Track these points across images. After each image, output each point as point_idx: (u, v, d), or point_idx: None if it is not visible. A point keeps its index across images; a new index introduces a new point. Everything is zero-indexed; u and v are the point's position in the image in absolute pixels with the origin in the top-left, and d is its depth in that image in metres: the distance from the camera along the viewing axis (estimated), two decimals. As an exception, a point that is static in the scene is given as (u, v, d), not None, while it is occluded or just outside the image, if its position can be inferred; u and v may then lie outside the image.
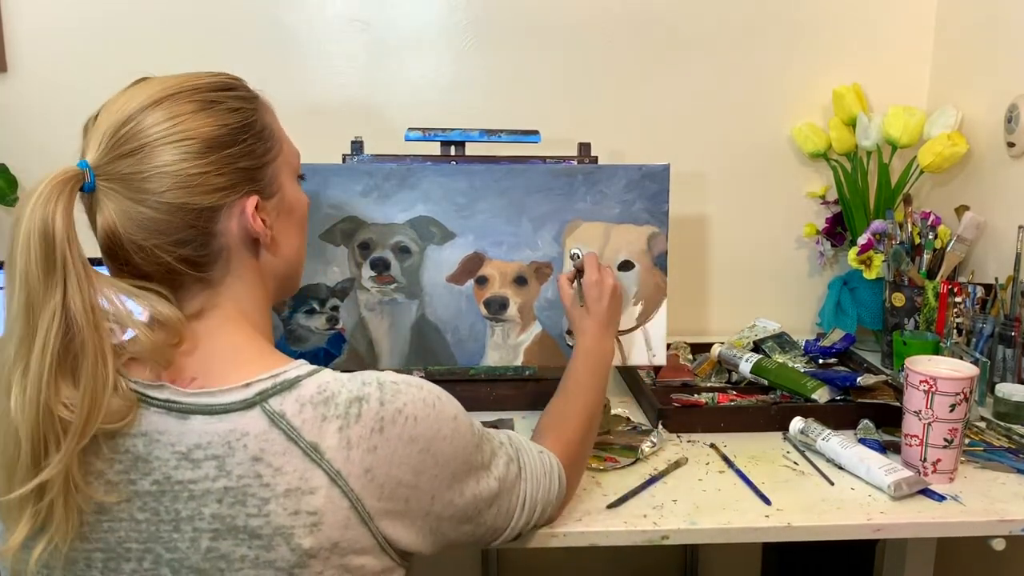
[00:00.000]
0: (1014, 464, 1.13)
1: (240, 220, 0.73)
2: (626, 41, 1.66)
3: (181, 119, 0.70)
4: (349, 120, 1.59)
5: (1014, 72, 1.48)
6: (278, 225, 0.77)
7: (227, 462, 0.66)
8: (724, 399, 1.33)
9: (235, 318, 0.74)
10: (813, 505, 1.04)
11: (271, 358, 0.73)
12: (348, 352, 1.27)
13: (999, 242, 1.50)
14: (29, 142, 1.61)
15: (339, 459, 0.66)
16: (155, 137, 0.68)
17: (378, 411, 0.68)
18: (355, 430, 0.67)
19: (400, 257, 1.26)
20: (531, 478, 0.84)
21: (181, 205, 0.68)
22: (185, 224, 0.69)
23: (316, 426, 0.67)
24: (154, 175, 0.67)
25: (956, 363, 1.10)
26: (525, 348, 1.29)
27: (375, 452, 0.68)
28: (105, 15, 1.58)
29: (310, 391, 0.68)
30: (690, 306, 1.77)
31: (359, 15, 1.62)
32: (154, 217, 0.67)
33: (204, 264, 0.71)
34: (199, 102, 0.71)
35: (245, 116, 0.74)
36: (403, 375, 0.74)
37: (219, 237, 0.72)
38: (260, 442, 0.66)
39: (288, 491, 0.65)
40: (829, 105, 1.69)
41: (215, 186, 0.70)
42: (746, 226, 1.76)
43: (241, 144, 0.72)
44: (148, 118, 0.69)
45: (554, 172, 1.27)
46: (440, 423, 0.72)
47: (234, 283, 0.74)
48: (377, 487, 0.68)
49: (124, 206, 0.67)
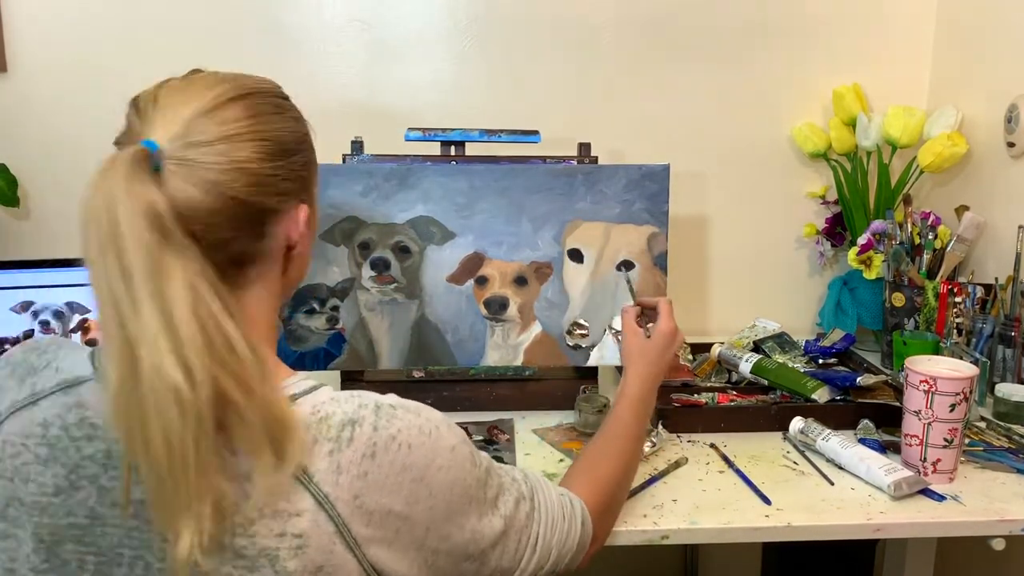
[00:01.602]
0: (1014, 464, 1.14)
1: (288, 228, 0.73)
2: (626, 41, 1.66)
3: (262, 119, 0.69)
4: (349, 120, 1.59)
5: (1014, 72, 1.48)
6: (306, 239, 0.77)
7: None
8: (724, 399, 1.33)
9: (249, 326, 0.72)
10: (813, 505, 1.04)
11: (276, 372, 0.71)
12: (348, 352, 1.27)
13: (999, 242, 1.50)
14: (29, 142, 1.61)
15: (328, 483, 0.65)
16: (235, 132, 0.67)
17: (371, 436, 0.66)
18: (346, 455, 0.65)
19: (400, 257, 1.26)
20: (546, 520, 0.80)
21: (246, 202, 0.67)
22: (246, 222, 0.68)
23: (307, 448, 0.65)
24: (229, 168, 0.66)
25: (956, 363, 1.11)
26: (525, 348, 1.29)
27: (365, 478, 0.66)
28: (105, 16, 1.58)
29: (305, 411, 0.67)
30: (690, 306, 1.77)
31: (359, 15, 1.62)
32: (218, 209, 0.66)
33: (244, 262, 0.71)
34: (275, 105, 0.72)
35: (303, 126, 0.75)
36: (406, 400, 0.71)
37: (267, 240, 0.71)
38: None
39: (275, 512, 0.64)
40: (829, 105, 1.69)
41: (280, 189, 0.70)
42: (746, 226, 1.76)
43: (301, 153, 0.73)
44: (227, 111, 0.68)
45: (554, 172, 1.27)
46: (436, 452, 0.69)
47: (259, 288, 0.73)
48: (365, 514, 0.66)
49: (188, 192, 0.64)
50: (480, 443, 1.20)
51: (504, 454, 1.16)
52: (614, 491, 0.92)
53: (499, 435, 1.22)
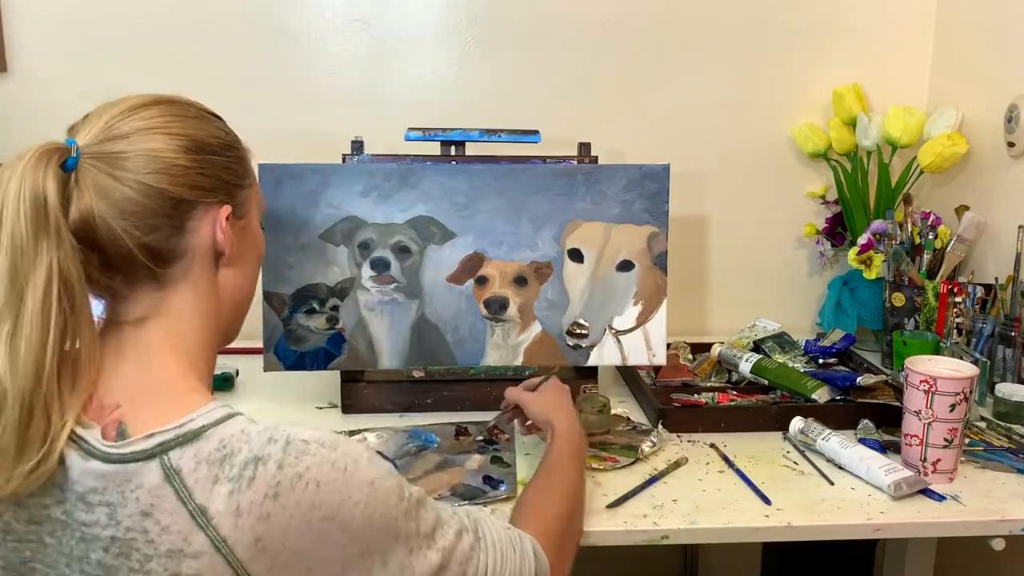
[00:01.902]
0: (1014, 464, 1.14)
1: (211, 227, 0.73)
2: (626, 41, 1.66)
3: (178, 119, 0.72)
4: (349, 120, 1.59)
5: (1014, 72, 1.48)
6: (240, 248, 0.77)
7: (118, 511, 0.64)
8: (724, 399, 1.33)
9: (174, 335, 0.72)
10: (813, 505, 1.04)
11: (191, 398, 0.69)
12: (348, 352, 1.27)
13: (999, 242, 1.50)
14: (29, 142, 1.60)
15: (226, 526, 0.62)
16: (150, 126, 0.70)
17: (275, 475, 0.63)
18: (246, 495, 0.63)
19: (400, 257, 1.26)
20: (492, 550, 0.76)
21: (160, 190, 0.69)
22: (159, 211, 0.69)
23: (207, 488, 0.63)
24: (140, 156, 0.68)
25: (956, 363, 1.11)
26: (525, 348, 1.29)
27: (267, 520, 0.63)
28: (105, 15, 1.58)
29: (211, 446, 0.65)
30: (690, 306, 1.77)
31: (359, 15, 1.62)
32: (131, 197, 0.67)
33: (165, 259, 0.71)
34: (198, 111, 0.75)
35: (232, 138, 0.77)
36: (326, 434, 0.67)
37: (187, 235, 0.72)
38: (152, 497, 0.63)
39: (170, 551, 0.63)
40: (829, 105, 1.69)
41: (196, 183, 0.71)
42: (746, 226, 1.76)
43: (226, 157, 0.74)
44: (148, 111, 0.71)
45: (554, 172, 1.27)
46: (350, 489, 0.66)
47: (186, 291, 0.73)
48: (268, 557, 0.63)
49: (103, 182, 0.67)
50: (480, 443, 1.20)
51: (504, 454, 1.16)
52: (563, 524, 0.89)
53: (499, 435, 1.22)
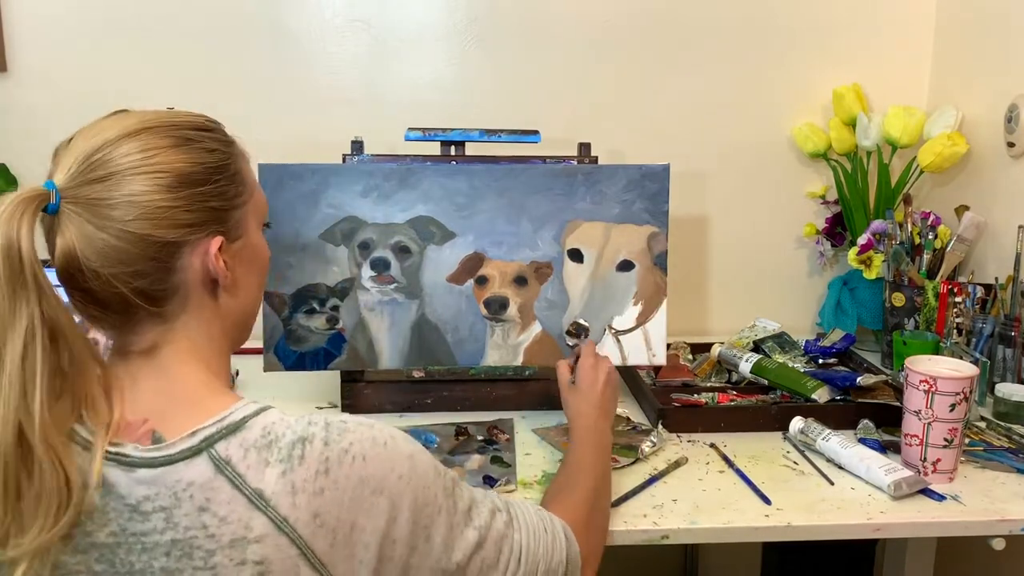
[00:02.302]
0: (1014, 464, 1.14)
1: (203, 259, 0.72)
2: (626, 41, 1.66)
3: (155, 152, 0.69)
4: (349, 120, 1.59)
5: (1014, 72, 1.48)
6: (239, 270, 0.76)
7: (174, 513, 0.64)
8: (724, 399, 1.33)
9: (189, 356, 0.72)
10: (813, 505, 1.04)
11: (221, 398, 0.71)
12: (348, 352, 1.27)
13: (999, 242, 1.50)
14: (29, 142, 1.60)
15: (284, 505, 0.64)
16: (127, 166, 0.68)
17: (322, 451, 0.66)
18: (299, 473, 0.65)
19: (400, 257, 1.26)
20: (525, 529, 0.78)
21: (144, 236, 0.67)
22: (145, 256, 0.68)
23: (260, 471, 0.65)
24: (121, 203, 0.67)
25: (956, 363, 1.11)
26: (525, 348, 1.29)
27: (322, 495, 0.65)
28: (105, 15, 1.58)
29: (255, 434, 0.66)
30: (690, 306, 1.77)
31: (359, 15, 1.62)
32: (115, 245, 0.66)
33: (160, 299, 0.70)
34: (176, 138, 0.71)
35: (220, 158, 0.73)
36: (358, 416, 0.71)
37: (178, 273, 0.71)
38: (206, 491, 0.64)
39: (233, 541, 0.63)
40: (829, 105, 1.69)
41: (181, 222, 0.69)
42: (746, 226, 1.76)
43: (213, 184, 0.72)
44: (122, 147, 0.68)
45: (554, 172, 1.27)
46: (393, 461, 0.69)
47: (189, 321, 0.72)
48: (328, 532, 0.65)
49: (86, 231, 0.66)
50: (480, 443, 1.20)
51: (504, 454, 1.16)
52: (587, 512, 0.90)
53: (499, 435, 1.22)
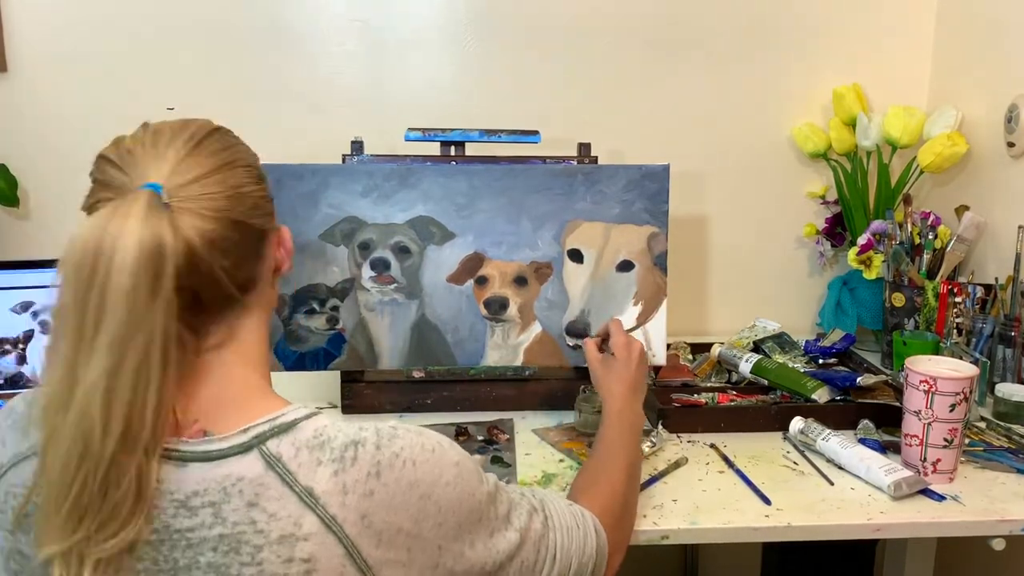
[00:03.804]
0: (1014, 464, 1.14)
1: (277, 248, 0.77)
2: (626, 41, 1.66)
3: (237, 148, 0.73)
4: (349, 120, 1.59)
5: (1014, 72, 1.48)
6: (286, 259, 0.80)
7: (223, 508, 0.64)
8: (724, 399, 1.33)
9: (247, 356, 0.74)
10: (813, 505, 1.04)
11: (272, 401, 0.72)
12: (348, 352, 1.27)
13: (999, 242, 1.50)
14: (29, 142, 1.61)
15: (334, 504, 0.65)
16: (225, 160, 0.71)
17: (374, 455, 0.67)
18: (351, 474, 0.66)
19: (400, 257, 1.26)
20: (560, 528, 0.80)
21: (250, 225, 0.71)
22: (248, 244, 0.71)
23: (311, 470, 0.65)
24: (228, 194, 0.69)
25: (956, 363, 1.11)
26: (525, 348, 1.29)
27: (371, 497, 0.66)
28: (105, 16, 1.58)
29: (307, 434, 0.67)
30: (690, 306, 1.77)
31: (359, 15, 1.62)
32: (227, 236, 0.68)
33: (249, 287, 0.73)
34: (233, 138, 0.75)
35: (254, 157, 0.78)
36: (405, 424, 0.72)
37: (264, 261, 0.75)
38: (255, 487, 0.65)
39: (282, 537, 0.64)
40: (829, 105, 1.69)
41: (269, 211, 0.75)
42: (746, 226, 1.76)
43: (267, 180, 0.76)
44: (210, 145, 0.71)
45: (554, 172, 1.27)
46: (441, 468, 0.70)
47: (255, 312, 0.75)
48: (375, 534, 0.66)
49: (199, 225, 0.66)
50: (480, 443, 1.20)
51: (504, 454, 1.16)
52: (620, 501, 0.92)
53: (499, 435, 1.22)
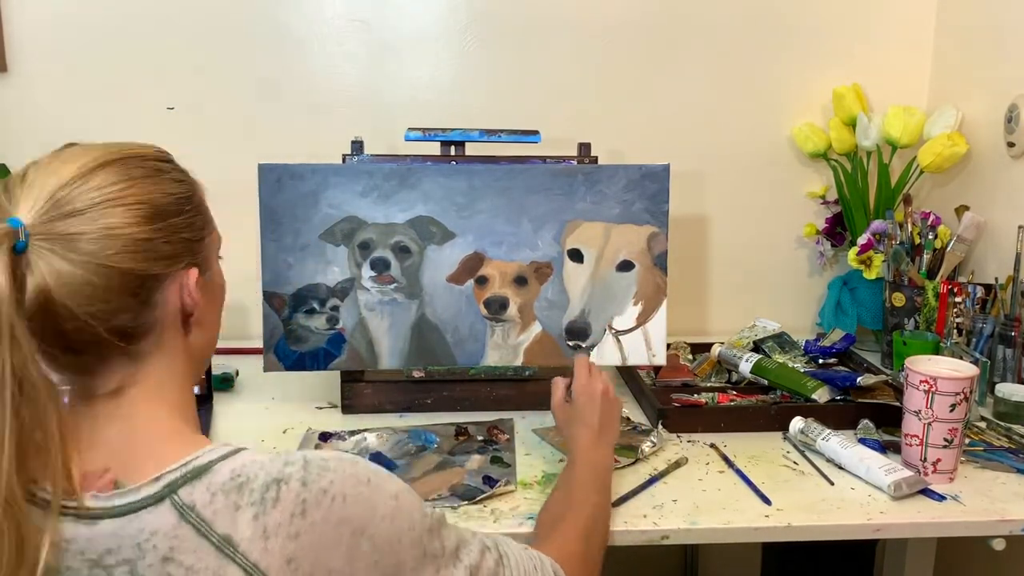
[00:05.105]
0: (1014, 464, 1.14)
1: (179, 293, 0.70)
2: (626, 41, 1.66)
3: (130, 183, 0.66)
4: (349, 120, 1.59)
5: (1014, 72, 1.48)
6: (204, 302, 0.74)
7: (138, 565, 0.61)
8: (724, 399, 1.33)
9: (154, 398, 0.69)
10: (813, 505, 1.04)
11: (187, 444, 0.67)
12: (348, 352, 1.27)
13: (999, 242, 1.50)
14: (29, 142, 1.59)
15: (255, 551, 0.61)
16: (104, 198, 0.64)
17: (299, 492, 0.62)
18: (272, 516, 0.61)
19: (400, 257, 1.26)
20: (517, 569, 0.76)
21: (125, 270, 0.64)
22: (125, 291, 0.65)
23: (229, 516, 0.61)
24: (99, 237, 0.63)
25: (956, 363, 1.11)
26: (525, 348, 1.29)
27: (297, 539, 0.61)
28: (105, 15, 1.57)
29: (222, 477, 0.63)
30: (690, 306, 1.77)
31: (359, 15, 1.62)
32: (93, 282, 0.62)
33: (135, 336, 0.67)
34: (147, 169, 0.68)
35: (187, 188, 0.72)
36: (340, 453, 0.67)
37: (156, 308, 0.68)
38: (169, 540, 0.61)
39: None
40: (829, 105, 1.69)
41: (161, 254, 0.67)
42: (746, 226, 1.76)
43: (184, 215, 0.70)
44: (96, 178, 0.65)
45: (554, 172, 1.28)
46: (376, 501, 0.65)
47: (160, 359, 0.70)
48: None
49: (60, 268, 0.62)
50: (480, 443, 1.20)
51: (504, 454, 1.16)
52: (585, 542, 0.88)
53: (499, 435, 1.22)
